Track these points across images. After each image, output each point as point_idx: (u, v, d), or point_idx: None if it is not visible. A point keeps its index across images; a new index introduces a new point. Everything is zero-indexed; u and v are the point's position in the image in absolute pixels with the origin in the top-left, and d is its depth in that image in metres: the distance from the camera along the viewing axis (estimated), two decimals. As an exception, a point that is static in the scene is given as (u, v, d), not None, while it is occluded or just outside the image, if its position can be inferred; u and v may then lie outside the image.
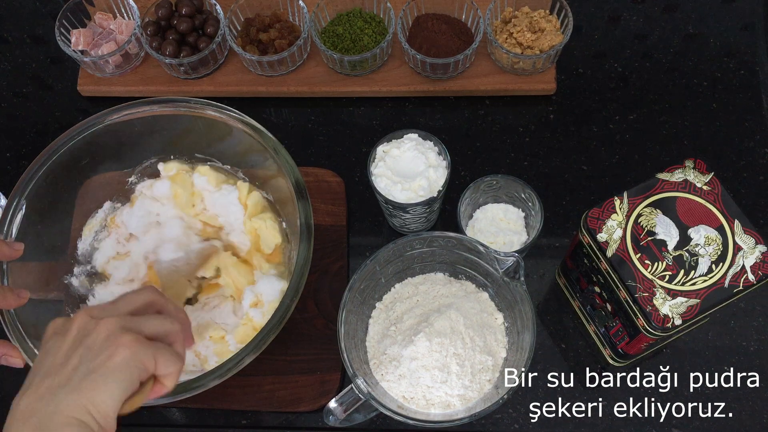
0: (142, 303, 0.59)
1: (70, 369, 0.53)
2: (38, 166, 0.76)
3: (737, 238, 0.65)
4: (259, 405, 0.79)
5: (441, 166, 0.77)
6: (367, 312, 0.77)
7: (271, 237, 0.80)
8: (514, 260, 0.69)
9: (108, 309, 0.57)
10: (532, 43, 0.89)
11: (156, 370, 0.55)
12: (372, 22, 0.93)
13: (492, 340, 0.73)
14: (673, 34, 0.97)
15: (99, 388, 0.51)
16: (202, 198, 0.83)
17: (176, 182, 0.82)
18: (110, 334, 0.54)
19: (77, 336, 0.54)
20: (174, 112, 0.79)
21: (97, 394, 0.51)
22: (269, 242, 0.80)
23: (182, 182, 0.83)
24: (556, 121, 0.93)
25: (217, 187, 0.82)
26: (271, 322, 0.69)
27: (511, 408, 0.79)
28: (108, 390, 0.52)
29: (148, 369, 0.54)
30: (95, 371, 0.52)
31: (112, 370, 0.52)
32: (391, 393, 0.71)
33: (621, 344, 0.74)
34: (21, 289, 0.69)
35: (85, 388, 0.51)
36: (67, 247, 0.82)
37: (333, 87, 0.94)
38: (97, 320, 0.55)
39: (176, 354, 0.57)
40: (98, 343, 0.53)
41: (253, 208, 0.81)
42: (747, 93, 0.92)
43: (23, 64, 1.01)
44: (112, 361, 0.52)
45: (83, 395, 0.51)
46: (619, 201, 0.68)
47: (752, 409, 0.77)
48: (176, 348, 0.58)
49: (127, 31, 0.95)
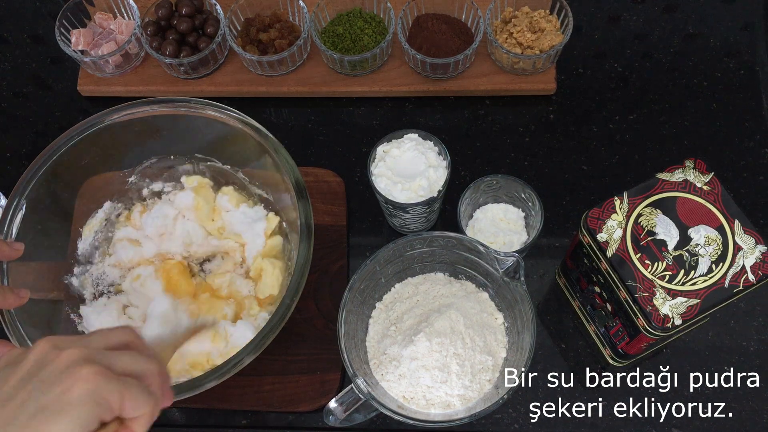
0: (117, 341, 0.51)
1: (17, 405, 0.45)
2: (38, 166, 0.76)
3: (737, 238, 0.65)
4: (259, 405, 0.79)
5: (441, 166, 0.77)
6: (367, 312, 0.77)
7: (270, 285, 0.78)
8: (514, 260, 0.69)
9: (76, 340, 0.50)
10: (532, 43, 0.89)
11: (122, 411, 0.47)
12: (372, 22, 0.93)
13: (492, 340, 0.73)
14: (673, 34, 0.97)
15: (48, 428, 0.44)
16: (221, 215, 0.83)
17: (199, 194, 0.83)
18: (70, 365, 0.46)
19: (32, 368, 0.47)
20: (174, 112, 0.79)
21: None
22: (266, 289, 0.78)
23: (205, 195, 0.83)
24: (556, 121, 0.93)
25: (236, 206, 0.83)
26: (271, 322, 0.69)
27: (511, 408, 0.79)
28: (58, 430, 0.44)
29: (112, 408, 0.46)
30: (46, 408, 0.44)
31: (66, 406, 0.45)
32: (391, 393, 0.71)
33: (621, 344, 0.74)
34: (21, 289, 0.67)
35: (31, 428, 0.44)
36: (67, 247, 0.82)
37: (333, 87, 0.94)
38: (60, 351, 0.47)
39: (149, 393, 0.48)
40: (53, 375, 0.46)
41: (270, 250, 0.81)
42: (747, 93, 0.92)
43: (23, 64, 1.02)
44: (67, 396, 0.45)
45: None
46: (619, 201, 0.68)
47: (752, 409, 0.77)
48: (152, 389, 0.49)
49: (127, 31, 0.95)
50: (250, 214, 0.82)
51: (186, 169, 0.85)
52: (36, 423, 0.44)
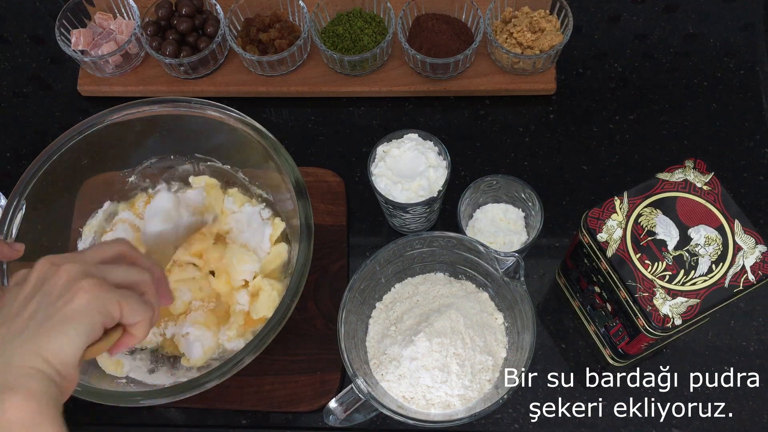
0: (111, 254, 0.56)
1: (26, 317, 0.50)
2: (38, 166, 0.76)
3: (737, 238, 0.65)
4: (259, 405, 0.79)
5: (441, 166, 0.77)
6: (367, 312, 0.77)
7: (266, 306, 0.76)
8: (514, 260, 0.69)
9: (72, 257, 0.54)
10: (532, 43, 0.89)
11: (122, 318, 0.52)
12: (372, 22, 0.93)
13: (492, 340, 0.73)
14: (673, 34, 0.97)
15: (56, 334, 0.48)
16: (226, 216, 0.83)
17: (210, 194, 0.82)
18: (70, 279, 0.51)
19: (36, 283, 0.52)
20: (174, 112, 0.79)
21: (54, 341, 0.48)
22: (260, 309, 0.77)
23: (215, 195, 0.83)
24: (556, 121, 0.93)
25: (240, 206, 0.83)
26: (271, 322, 0.69)
27: (511, 408, 0.79)
28: (66, 336, 0.49)
29: (113, 315, 0.51)
30: (52, 317, 0.49)
31: (71, 315, 0.49)
32: (391, 393, 0.71)
33: (621, 344, 0.74)
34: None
35: (41, 335, 0.48)
36: (67, 247, 0.82)
37: (333, 87, 0.94)
38: (58, 267, 0.52)
39: (146, 302, 0.53)
40: (57, 289, 0.50)
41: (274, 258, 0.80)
42: (747, 93, 0.92)
43: (23, 64, 1.01)
44: (71, 306, 0.49)
45: (39, 343, 0.48)
46: (619, 201, 0.68)
47: (752, 409, 0.77)
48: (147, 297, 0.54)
49: (127, 31, 0.95)
50: (256, 218, 0.82)
51: (186, 169, 0.85)
52: (44, 330, 0.48)
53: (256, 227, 0.81)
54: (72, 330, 0.49)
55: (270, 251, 0.80)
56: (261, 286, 0.77)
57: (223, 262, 0.78)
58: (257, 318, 0.77)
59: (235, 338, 0.76)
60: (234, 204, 0.83)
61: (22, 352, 0.48)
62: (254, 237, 0.81)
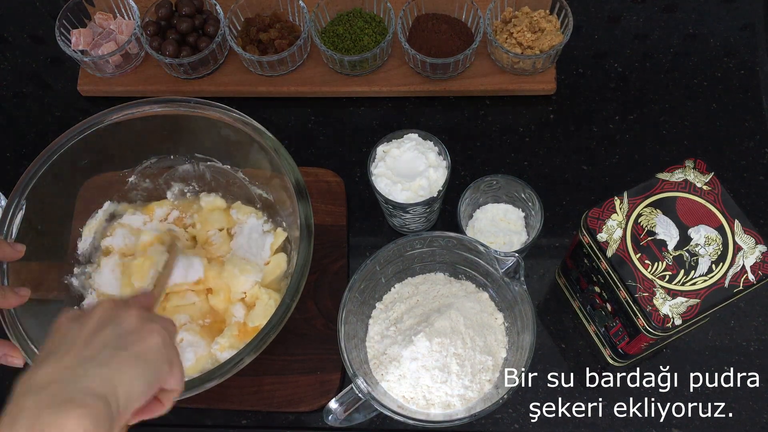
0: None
1: (98, 346, 0.50)
2: (38, 166, 0.76)
3: (737, 238, 0.65)
4: (259, 405, 0.79)
5: (441, 166, 0.77)
6: (367, 312, 0.77)
7: (263, 315, 0.76)
8: (514, 260, 0.69)
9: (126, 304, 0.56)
10: (532, 43, 0.89)
11: (166, 382, 0.52)
12: (372, 22, 0.93)
13: (492, 340, 0.73)
14: (673, 34, 0.97)
15: (128, 369, 0.49)
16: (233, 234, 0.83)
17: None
18: (142, 319, 0.52)
19: (103, 317, 0.52)
20: (174, 112, 0.79)
21: (125, 372, 0.49)
22: (256, 318, 0.76)
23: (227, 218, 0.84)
24: (556, 121, 0.93)
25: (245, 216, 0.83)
26: (271, 322, 0.69)
27: (511, 408, 0.79)
28: (137, 372, 0.49)
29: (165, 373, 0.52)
30: (127, 349, 0.50)
31: (145, 352, 0.50)
32: (391, 393, 0.71)
33: (621, 344, 0.74)
34: (21, 288, 0.68)
35: (114, 365, 0.49)
36: (67, 247, 0.82)
37: (333, 87, 0.94)
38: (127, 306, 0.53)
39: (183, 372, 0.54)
40: (130, 326, 0.51)
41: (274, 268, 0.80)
42: (747, 93, 0.92)
43: (23, 64, 1.02)
44: (145, 344, 0.50)
45: (111, 371, 0.48)
46: (619, 201, 0.68)
47: (752, 409, 0.77)
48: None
49: (127, 31, 0.95)
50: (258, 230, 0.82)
51: (186, 169, 0.85)
52: (117, 360, 0.49)
53: (257, 237, 0.81)
54: (143, 368, 0.50)
55: (269, 261, 0.80)
56: (258, 295, 0.77)
57: (224, 277, 0.78)
58: (253, 326, 0.77)
59: (228, 348, 0.76)
60: (239, 214, 0.83)
61: (93, 375, 0.48)
62: (254, 247, 0.81)
